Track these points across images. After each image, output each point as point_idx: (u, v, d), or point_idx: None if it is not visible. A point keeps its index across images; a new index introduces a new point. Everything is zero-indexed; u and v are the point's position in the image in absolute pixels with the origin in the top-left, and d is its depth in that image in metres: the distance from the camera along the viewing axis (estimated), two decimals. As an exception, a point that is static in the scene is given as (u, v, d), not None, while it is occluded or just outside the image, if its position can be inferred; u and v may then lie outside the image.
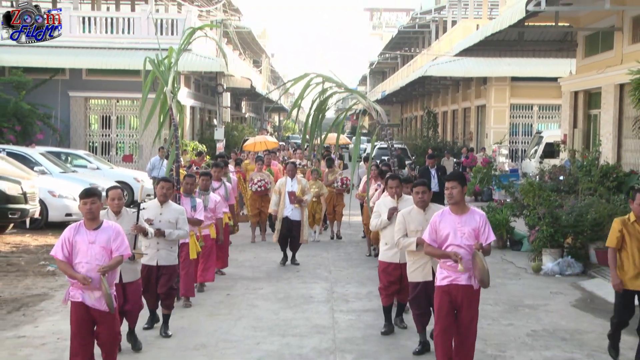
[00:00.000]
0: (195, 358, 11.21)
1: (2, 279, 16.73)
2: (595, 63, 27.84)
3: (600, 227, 17.89)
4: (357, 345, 11.94)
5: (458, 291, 9.06)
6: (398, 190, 11.87)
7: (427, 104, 62.62)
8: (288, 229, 17.36)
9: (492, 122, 45.07)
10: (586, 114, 29.76)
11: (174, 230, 11.51)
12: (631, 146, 24.64)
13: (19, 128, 38.19)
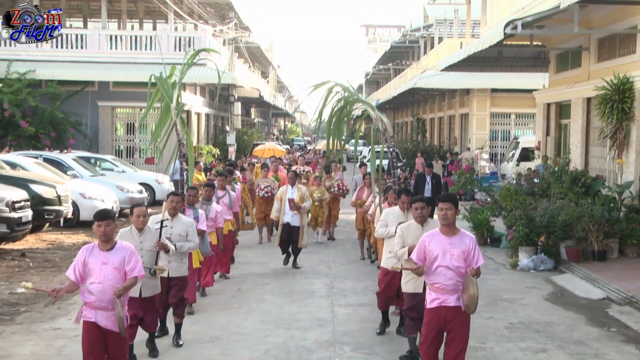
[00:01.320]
0: (210, 350, 11.21)
1: (40, 274, 16.80)
2: (565, 78, 27.89)
3: (569, 227, 18.02)
4: (354, 338, 11.95)
5: (447, 312, 8.41)
6: (408, 205, 11.05)
7: (416, 111, 62.60)
8: (288, 234, 16.93)
9: (474, 128, 45.15)
10: (557, 123, 29.80)
11: (184, 243, 10.88)
12: (597, 153, 24.68)
13: (54, 134, 38.58)
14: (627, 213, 18.78)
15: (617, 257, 18.24)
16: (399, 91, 57.12)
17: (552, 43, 28.11)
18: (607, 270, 16.94)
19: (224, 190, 15.78)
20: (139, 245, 9.52)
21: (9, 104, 37.17)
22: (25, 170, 23.80)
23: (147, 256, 9.71)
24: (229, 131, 47.15)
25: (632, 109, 21.32)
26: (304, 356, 11.03)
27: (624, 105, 21.36)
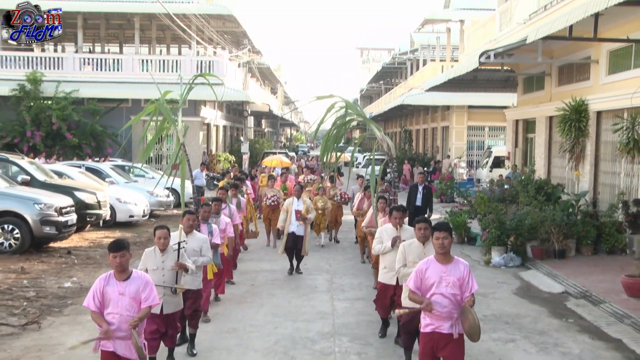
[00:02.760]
0: (228, 340, 11.21)
1: (83, 270, 16.77)
2: (531, 99, 28.01)
3: (534, 230, 18.14)
4: (352, 330, 11.94)
5: (440, 339, 7.63)
6: (400, 221, 10.66)
7: (404, 123, 62.61)
8: (293, 242, 16.14)
9: (453, 139, 45.32)
10: (525, 137, 29.89)
11: (198, 258, 10.19)
12: (558, 164, 24.78)
13: (94, 144, 39.20)
14: (583, 217, 18.80)
15: (574, 255, 18.30)
16: (389, 106, 57.30)
17: (520, 69, 28.22)
18: (565, 267, 16.99)
19: (225, 203, 14.66)
20: (160, 265, 9.16)
21: (57, 118, 37.80)
22: (71, 178, 23.88)
23: (168, 275, 9.19)
24: (243, 141, 47.24)
25: (587, 127, 21.52)
26: (308, 346, 10.99)
27: (580, 124, 21.58)
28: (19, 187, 19.61)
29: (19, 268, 16.46)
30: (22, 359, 10.18)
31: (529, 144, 29.13)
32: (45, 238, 18.56)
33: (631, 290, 13.73)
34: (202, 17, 43.36)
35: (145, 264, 9.12)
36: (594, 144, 21.41)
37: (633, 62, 19.33)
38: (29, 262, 17.20)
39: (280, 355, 10.51)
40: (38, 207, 18.10)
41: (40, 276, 15.87)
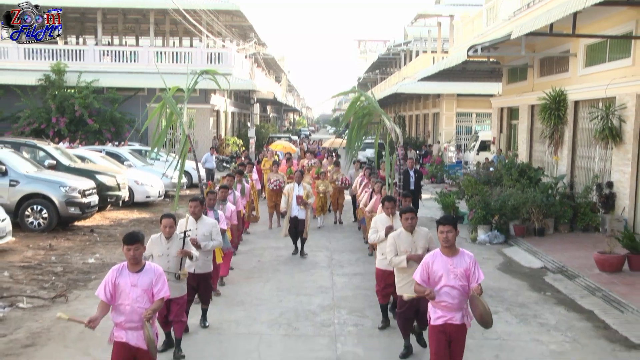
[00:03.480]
0: (237, 313, 11.29)
1: (105, 247, 16.85)
2: (514, 88, 28.05)
3: (517, 210, 18.27)
4: (349, 303, 12.00)
5: (452, 329, 7.20)
6: (393, 210, 10.17)
7: (398, 109, 62.61)
8: (295, 226, 15.75)
9: (443, 124, 45.23)
10: (509, 123, 29.98)
11: (209, 242, 9.87)
12: (538, 149, 24.90)
13: (113, 129, 39.14)
14: (561, 198, 18.92)
15: (552, 233, 18.40)
16: (384, 94, 57.01)
17: (505, 61, 28.23)
18: (544, 244, 17.07)
19: (231, 189, 14.20)
20: (166, 252, 8.81)
21: (79, 106, 37.91)
22: (93, 162, 23.95)
23: (173, 262, 8.79)
24: (250, 126, 47.21)
25: (565, 116, 21.62)
26: (310, 318, 11.05)
27: (559, 112, 21.69)
28: (46, 171, 19.69)
29: (48, 245, 16.56)
30: (52, 329, 10.28)
31: (513, 129, 29.23)
32: (71, 218, 18.65)
33: (603, 265, 13.85)
34: (212, 13, 43.45)
35: (151, 250, 8.76)
36: (571, 131, 21.52)
37: (608, 56, 19.42)
38: (56, 240, 17.28)
39: (284, 327, 10.58)
40: (63, 190, 18.21)
41: (66, 253, 15.97)
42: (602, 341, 10.06)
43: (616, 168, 18.36)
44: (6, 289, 12.41)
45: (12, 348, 9.43)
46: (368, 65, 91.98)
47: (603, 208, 18.33)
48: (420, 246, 8.85)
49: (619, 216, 17.72)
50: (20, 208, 17.96)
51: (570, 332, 10.41)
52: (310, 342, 9.87)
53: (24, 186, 17.98)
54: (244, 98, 55.08)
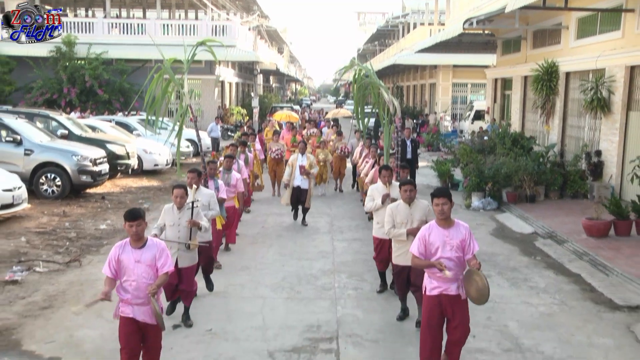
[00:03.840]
0: (242, 277, 11.35)
1: (116, 214, 16.86)
2: (508, 60, 27.96)
3: (509, 177, 18.30)
4: (349, 267, 12.06)
5: (448, 301, 6.94)
6: (389, 179, 9.91)
7: (396, 80, 62.45)
8: (297, 195, 15.42)
9: (440, 94, 45.16)
10: (502, 93, 29.94)
11: (207, 212, 9.51)
12: (531, 118, 24.91)
13: (122, 99, 39.08)
14: (551, 166, 18.97)
15: (543, 199, 18.47)
16: (383, 65, 56.84)
17: (499, 33, 28.08)
18: (535, 210, 17.12)
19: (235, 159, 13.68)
20: (177, 222, 8.65)
21: (89, 77, 37.88)
22: (103, 132, 23.96)
23: (183, 231, 8.65)
24: (253, 96, 47.10)
25: (557, 86, 21.62)
26: (312, 282, 11.14)
27: (551, 83, 21.67)
28: (59, 140, 19.70)
29: (61, 212, 16.63)
30: (68, 292, 10.39)
31: (506, 100, 29.20)
32: (83, 185, 18.70)
33: (590, 230, 13.93)
34: (217, -15, 43.19)
35: (164, 220, 8.70)
36: (562, 101, 21.52)
37: (598, 29, 19.35)
38: (69, 207, 17.35)
39: (287, 290, 10.65)
40: (75, 159, 18.24)
41: (79, 219, 16.03)
42: (588, 303, 10.15)
43: (604, 137, 18.39)
44: (24, 254, 12.51)
45: (31, 310, 9.54)
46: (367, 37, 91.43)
47: (591, 176, 18.40)
48: (417, 218, 8.58)
49: (606, 183, 17.80)
50: (34, 176, 17.99)
51: (558, 295, 10.51)
52: (312, 305, 9.94)
53: (38, 155, 18.01)
54: (248, 69, 54.89)
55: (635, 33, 17.10)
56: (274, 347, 8.25)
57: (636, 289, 10.62)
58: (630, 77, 17.35)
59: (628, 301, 10.14)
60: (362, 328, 8.96)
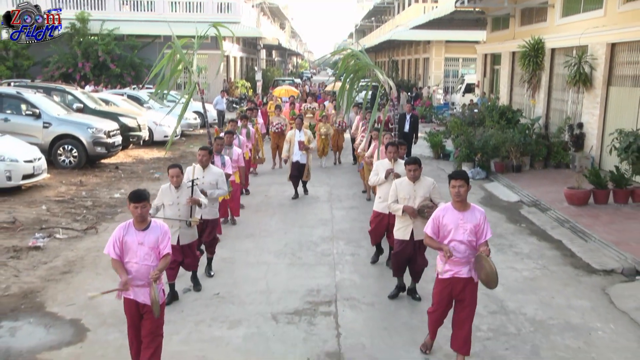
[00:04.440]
0: (247, 244, 11.41)
1: (129, 183, 17.01)
2: (498, 36, 27.80)
3: (497, 149, 18.32)
4: (347, 234, 12.09)
5: (459, 283, 6.64)
6: (395, 155, 9.54)
7: (391, 54, 61.97)
8: (297, 170, 14.93)
9: (433, 68, 45.02)
10: (492, 68, 29.82)
11: (215, 190, 9.32)
12: (518, 92, 24.87)
13: (133, 73, 39.01)
14: (537, 138, 18.98)
15: (528, 169, 18.54)
16: (379, 40, 56.58)
17: (489, 11, 27.92)
18: (521, 180, 17.17)
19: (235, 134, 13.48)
20: (176, 200, 8.30)
21: (102, 52, 37.86)
22: (116, 105, 23.92)
23: (184, 210, 8.31)
24: (257, 70, 47.01)
25: (542, 62, 21.57)
26: (312, 248, 11.20)
27: (537, 59, 21.61)
28: (75, 113, 19.68)
29: (78, 181, 16.71)
30: (85, 257, 10.51)
31: (495, 74, 29.11)
32: (97, 156, 18.72)
33: (571, 199, 14.02)
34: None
35: (161, 200, 8.31)
36: (548, 76, 21.48)
37: (582, 7, 19.28)
38: (85, 176, 17.41)
39: (289, 256, 10.73)
40: (91, 131, 18.24)
41: (95, 188, 16.11)
42: (568, 268, 10.27)
43: (586, 111, 18.41)
44: (45, 221, 12.61)
45: (53, 274, 9.67)
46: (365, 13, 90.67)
47: (574, 147, 18.45)
48: (420, 195, 8.23)
49: (587, 154, 17.87)
50: (53, 148, 18.01)
51: (541, 260, 10.62)
52: (312, 271, 10.01)
53: (55, 128, 18.02)
54: (251, 44, 54.59)
55: (616, 12, 17.04)
56: (277, 310, 8.36)
57: (612, 254, 10.73)
58: (610, 54, 17.33)
59: (604, 265, 10.26)
60: (359, 292, 9.06)
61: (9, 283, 9.24)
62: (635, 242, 11.17)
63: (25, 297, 8.71)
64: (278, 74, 59.66)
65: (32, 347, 7.24)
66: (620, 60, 17.07)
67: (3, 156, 14.49)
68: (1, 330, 7.69)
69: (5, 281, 9.32)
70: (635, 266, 10.06)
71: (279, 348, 7.25)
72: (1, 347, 7.27)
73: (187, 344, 7.34)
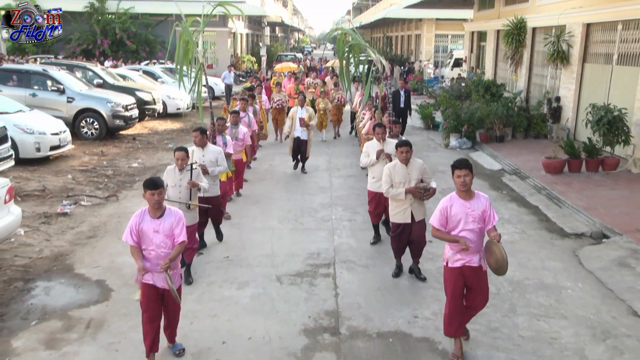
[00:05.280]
0: (253, 210, 11.48)
1: (145, 153, 17.10)
2: (484, 15, 27.60)
3: (482, 120, 18.39)
4: (344, 201, 12.17)
5: (471, 271, 6.08)
6: (383, 136, 9.10)
7: (386, 30, 61.53)
8: (298, 146, 14.47)
9: (424, 44, 44.75)
10: (478, 45, 29.64)
11: (215, 168, 8.83)
12: (502, 67, 24.78)
13: (148, 49, 38.81)
14: (518, 111, 19.00)
15: (510, 139, 18.60)
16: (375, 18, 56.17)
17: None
18: (503, 149, 17.23)
19: (245, 112, 13.32)
20: (178, 182, 7.77)
21: (119, 29, 37.59)
22: (132, 80, 23.86)
23: (184, 192, 7.80)
24: (262, 45, 46.73)
25: (524, 40, 21.50)
26: (313, 214, 11.26)
27: (520, 37, 21.55)
28: (95, 89, 19.68)
29: (99, 152, 16.80)
30: (108, 223, 10.64)
31: (481, 50, 28.96)
32: (116, 128, 18.78)
33: (548, 168, 14.12)
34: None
35: (166, 180, 7.72)
36: (529, 53, 21.42)
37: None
38: (106, 147, 17.50)
39: (292, 221, 10.81)
40: (110, 105, 18.27)
41: (115, 158, 16.20)
42: (543, 232, 10.38)
43: (563, 85, 18.42)
44: (71, 189, 12.75)
45: (79, 238, 9.82)
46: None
47: (551, 119, 18.51)
48: (414, 177, 7.82)
49: (563, 126, 17.93)
50: (76, 120, 18.08)
51: (520, 225, 10.72)
52: (313, 235, 10.08)
53: (78, 102, 18.04)
54: (257, 22, 54.23)
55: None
56: (281, 272, 8.48)
57: (582, 219, 10.86)
58: (586, 33, 17.29)
59: (575, 229, 10.38)
60: (355, 255, 9.16)
61: (42, 247, 9.40)
62: (602, 207, 11.30)
63: (56, 260, 8.87)
64: (281, 49, 59.36)
65: (64, 305, 7.42)
66: (594, 39, 17.03)
67: (32, 129, 14.60)
68: (37, 289, 7.87)
69: (39, 245, 9.49)
70: (602, 230, 10.21)
71: (283, 307, 7.38)
72: (38, 304, 7.47)
73: (200, 303, 7.50)
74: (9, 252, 9.14)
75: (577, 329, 6.90)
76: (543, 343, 6.58)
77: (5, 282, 8.06)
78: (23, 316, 7.15)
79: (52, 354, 6.35)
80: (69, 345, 6.49)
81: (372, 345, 6.55)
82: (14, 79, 18.06)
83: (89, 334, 6.71)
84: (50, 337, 6.69)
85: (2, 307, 7.37)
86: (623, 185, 12.88)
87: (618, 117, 13.72)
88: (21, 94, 17.59)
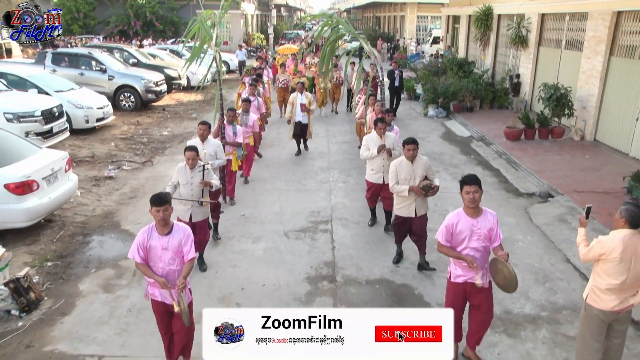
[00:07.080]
0: (265, 173, 11.49)
1: (173, 122, 17.05)
2: (458, 1, 27.11)
3: (455, 93, 18.33)
4: (339, 165, 12.19)
5: (472, 288, 5.19)
6: (384, 130, 8.08)
7: (375, 11, 60.55)
8: (300, 129, 13.12)
9: (407, 24, 44.01)
10: (453, 27, 29.27)
11: (215, 161, 7.80)
12: (472, 47, 24.58)
13: (173, 29, 38.39)
14: (485, 85, 18.88)
15: (478, 110, 18.61)
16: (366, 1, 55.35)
17: (451, -19, 27.30)
18: (473, 118, 17.23)
19: (254, 96, 12.35)
20: (190, 180, 6.90)
21: (149, 13, 37.11)
22: (161, 59, 23.71)
23: (196, 190, 6.93)
24: (269, 25, 46.13)
25: (491, 25, 21.33)
26: (313, 177, 11.33)
27: (487, 22, 21.40)
28: (131, 68, 19.59)
29: (136, 122, 16.84)
30: (145, 185, 10.79)
31: (456, 32, 28.64)
32: (149, 101, 18.72)
33: (508, 136, 14.23)
34: None
35: (177, 178, 6.94)
36: (495, 36, 21.28)
37: (523, -18, 18.95)
38: (140, 117, 17.50)
39: (296, 183, 10.89)
40: (143, 82, 18.23)
41: (148, 127, 16.21)
42: (502, 192, 10.56)
43: (522, 65, 18.40)
44: (114, 155, 12.86)
45: (123, 199, 10.00)
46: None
47: (512, 92, 18.55)
48: (419, 174, 7.01)
49: (522, 99, 17.99)
50: (116, 95, 18.10)
51: (484, 186, 10.46)
52: (314, 195, 10.19)
53: (117, 80, 18.03)
54: (265, 4, 53.48)
55: (549, -12, 16.84)
56: (288, 228, 8.64)
57: (534, 180, 11.05)
58: (541, 22, 17.20)
59: (527, 189, 10.58)
60: (349, 213, 9.29)
61: (94, 206, 9.62)
62: (550, 171, 11.48)
63: (106, 217, 9.09)
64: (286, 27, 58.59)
65: (115, 256, 7.70)
66: (548, 27, 16.95)
67: (82, 104, 14.69)
68: (93, 243, 8.14)
69: (92, 204, 9.71)
70: (548, 190, 10.43)
71: (290, 258, 7.60)
72: (95, 255, 7.75)
73: (222, 255, 7.72)
74: (70, 210, 9.38)
75: (524, 275, 7.19)
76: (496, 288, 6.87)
77: (69, 237, 8.35)
78: (85, 265, 7.46)
79: (109, 296, 6.68)
80: (120, 290, 6.81)
81: (362, 290, 6.82)
82: (65, 61, 18.07)
83: (135, 281, 7.02)
84: (106, 282, 7.00)
85: (69, 257, 7.67)
86: (567, 152, 13.02)
87: (564, 94, 13.82)
88: (71, 73, 17.61)
